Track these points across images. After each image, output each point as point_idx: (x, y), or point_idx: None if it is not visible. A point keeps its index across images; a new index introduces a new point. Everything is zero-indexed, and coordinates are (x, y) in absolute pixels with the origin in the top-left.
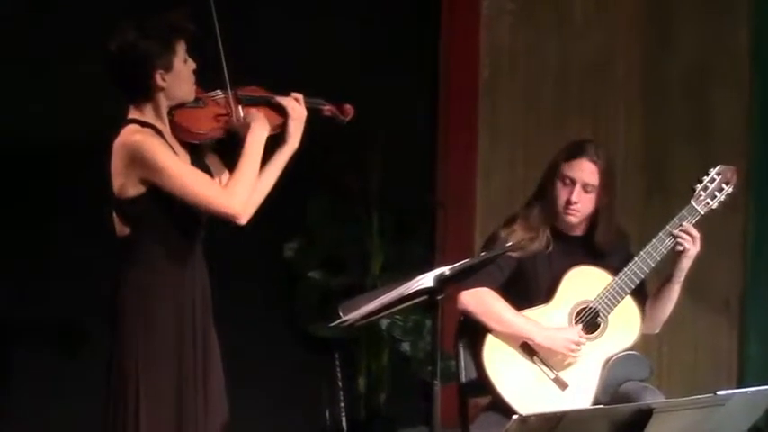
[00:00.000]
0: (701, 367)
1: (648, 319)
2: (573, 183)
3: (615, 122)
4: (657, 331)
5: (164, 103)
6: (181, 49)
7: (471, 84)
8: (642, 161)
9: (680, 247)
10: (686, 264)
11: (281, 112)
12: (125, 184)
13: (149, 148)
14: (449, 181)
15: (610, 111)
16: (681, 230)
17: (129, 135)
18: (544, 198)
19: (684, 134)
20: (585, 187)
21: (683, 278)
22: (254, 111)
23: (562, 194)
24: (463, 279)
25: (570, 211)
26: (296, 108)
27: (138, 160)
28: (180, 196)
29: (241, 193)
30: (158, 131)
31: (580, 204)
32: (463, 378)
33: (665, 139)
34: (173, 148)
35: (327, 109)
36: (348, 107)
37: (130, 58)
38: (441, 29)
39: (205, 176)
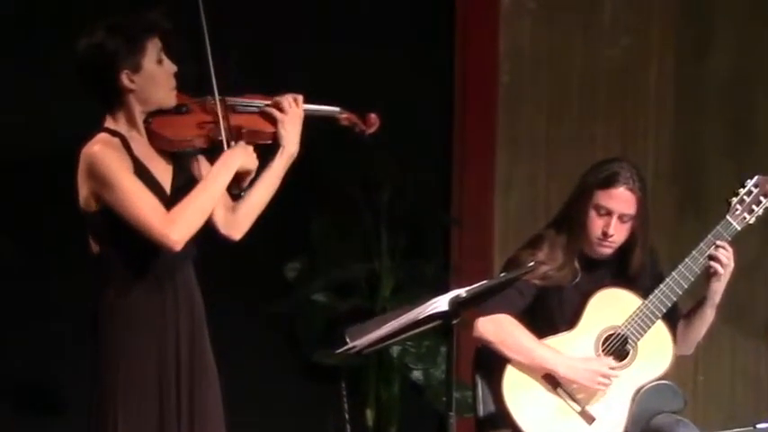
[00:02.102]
0: (740, 398)
1: (681, 340)
2: (609, 213)
3: (645, 133)
4: (691, 352)
5: (137, 108)
6: (152, 48)
7: (490, 90)
8: (675, 173)
9: (712, 269)
10: (720, 286)
11: (274, 118)
12: (88, 196)
13: (103, 162)
14: (465, 195)
15: (640, 120)
16: (714, 250)
17: (91, 145)
18: (573, 225)
19: (721, 145)
20: (622, 218)
21: (717, 300)
22: (241, 142)
23: (596, 225)
24: (481, 302)
25: (606, 244)
26: (288, 109)
27: (92, 173)
28: (122, 216)
29: (184, 223)
30: (126, 142)
31: (616, 235)
32: (481, 410)
33: (700, 150)
34: (138, 161)
35: (345, 117)
36: (372, 117)
37: (96, 58)
38: (456, 30)
39: (152, 199)
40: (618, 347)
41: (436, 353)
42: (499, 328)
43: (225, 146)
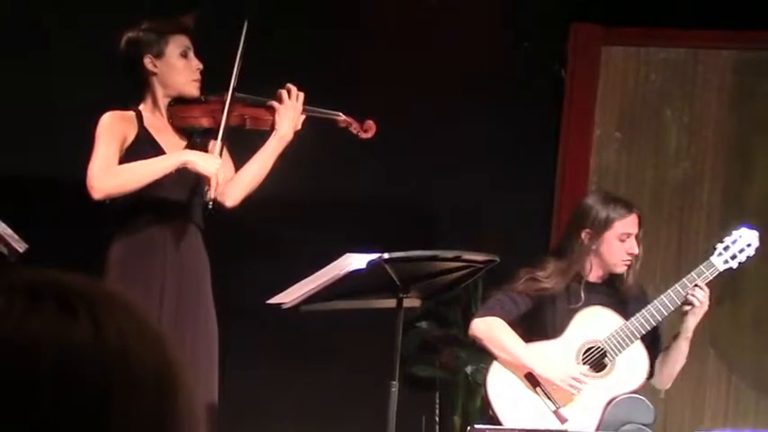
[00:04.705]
0: (741, 390)
1: (659, 374)
2: (629, 237)
3: (697, 236)
4: (668, 387)
5: (160, 91)
6: (177, 43)
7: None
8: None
9: (687, 307)
10: (693, 322)
11: (274, 109)
12: None
13: (99, 127)
14: None
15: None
16: (692, 289)
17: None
18: (581, 253)
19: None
20: (636, 237)
21: (690, 335)
22: (207, 154)
23: (621, 250)
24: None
25: (630, 261)
26: (286, 100)
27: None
28: None
29: (113, 179)
30: (140, 115)
31: (635, 250)
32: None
33: None
34: (146, 131)
35: (343, 120)
36: (370, 123)
37: (129, 45)
38: (558, 150)
39: (107, 157)
40: (596, 359)
41: None
42: (489, 329)
43: (222, 127)
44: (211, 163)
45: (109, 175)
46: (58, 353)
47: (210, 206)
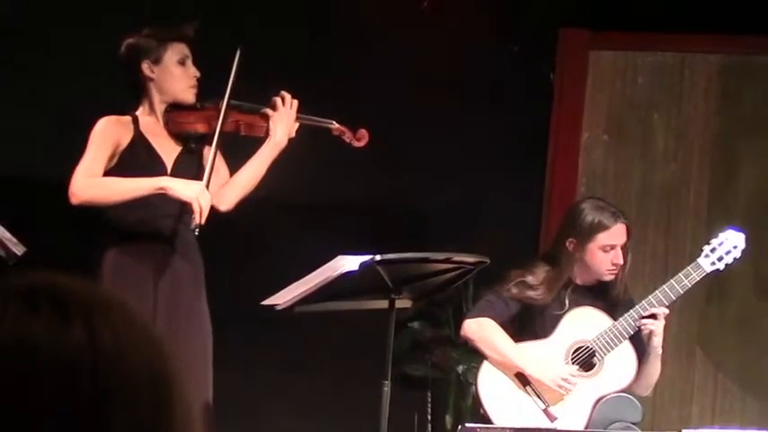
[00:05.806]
0: (728, 388)
1: (635, 382)
2: (614, 248)
3: (684, 237)
4: (647, 394)
5: (156, 97)
6: (175, 50)
7: (570, 197)
8: None
9: (646, 331)
10: (658, 341)
11: (268, 117)
12: None
13: (93, 132)
14: None
15: (680, 228)
16: (647, 315)
17: None
18: (569, 260)
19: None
20: (622, 247)
21: (660, 352)
22: (195, 182)
23: (605, 261)
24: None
25: (615, 271)
26: (280, 107)
27: None
28: None
29: (91, 189)
30: (136, 120)
31: (620, 261)
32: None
33: None
34: (141, 135)
35: (336, 128)
36: (363, 132)
37: (129, 50)
38: (548, 151)
39: (94, 164)
40: (585, 359)
41: None
42: (480, 329)
43: (217, 133)
44: (192, 188)
45: (90, 184)
46: (53, 356)
47: (197, 232)
